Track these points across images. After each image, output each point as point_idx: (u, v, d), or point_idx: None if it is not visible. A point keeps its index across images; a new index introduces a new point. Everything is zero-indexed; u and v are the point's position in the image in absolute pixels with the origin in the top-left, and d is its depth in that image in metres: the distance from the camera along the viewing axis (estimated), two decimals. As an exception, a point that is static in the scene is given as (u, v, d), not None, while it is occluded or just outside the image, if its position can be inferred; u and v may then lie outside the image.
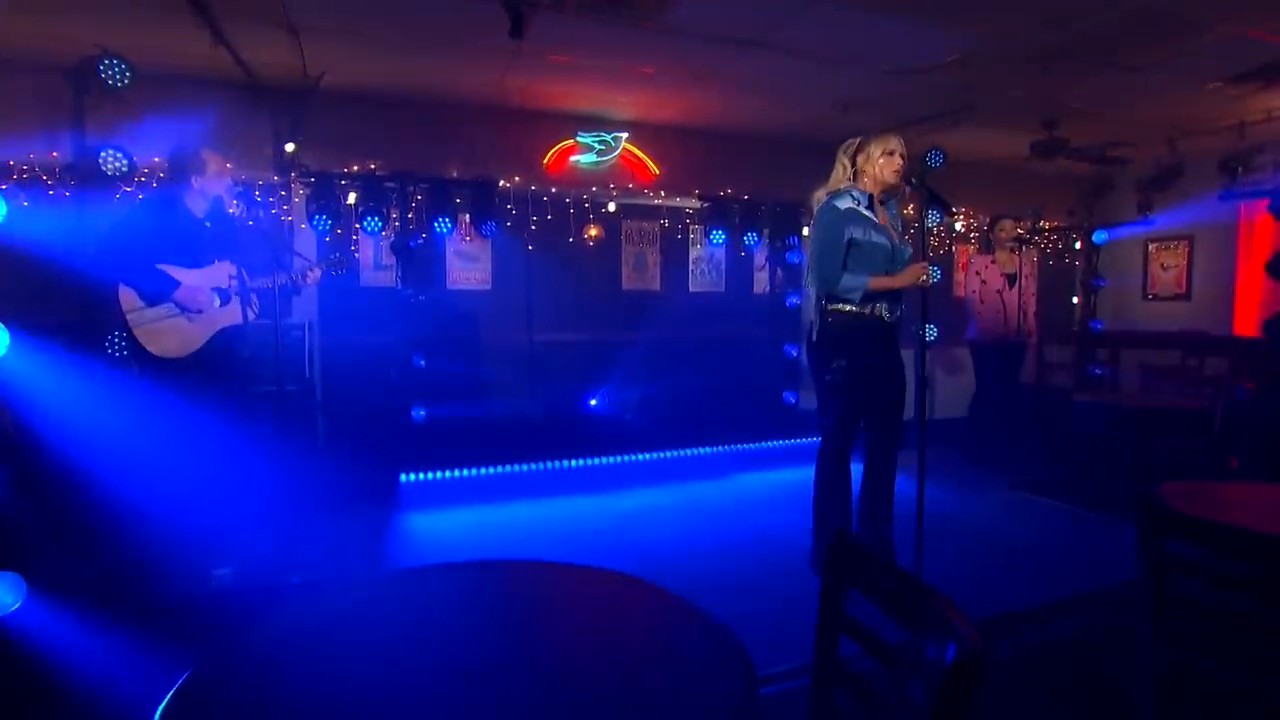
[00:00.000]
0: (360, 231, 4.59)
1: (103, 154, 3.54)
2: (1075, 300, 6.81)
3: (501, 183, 4.94)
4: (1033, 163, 5.75)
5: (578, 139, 5.23)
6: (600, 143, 5.27)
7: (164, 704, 0.93)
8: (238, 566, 2.90)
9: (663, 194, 5.48)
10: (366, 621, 1.21)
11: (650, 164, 5.45)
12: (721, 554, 3.47)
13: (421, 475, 4.42)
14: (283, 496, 3.33)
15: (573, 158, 5.24)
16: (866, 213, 2.69)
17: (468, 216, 4.89)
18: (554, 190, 5.13)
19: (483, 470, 4.60)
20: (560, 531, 3.79)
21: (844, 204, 2.68)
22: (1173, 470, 4.23)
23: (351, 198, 4.61)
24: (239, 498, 3.13)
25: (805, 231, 5.60)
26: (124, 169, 3.61)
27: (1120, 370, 6.33)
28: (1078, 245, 6.83)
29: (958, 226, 6.46)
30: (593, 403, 5.24)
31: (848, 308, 2.66)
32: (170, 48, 3.75)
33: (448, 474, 4.49)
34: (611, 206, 5.30)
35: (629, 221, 5.54)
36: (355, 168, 4.62)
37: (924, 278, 2.55)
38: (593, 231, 5.22)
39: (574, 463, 4.85)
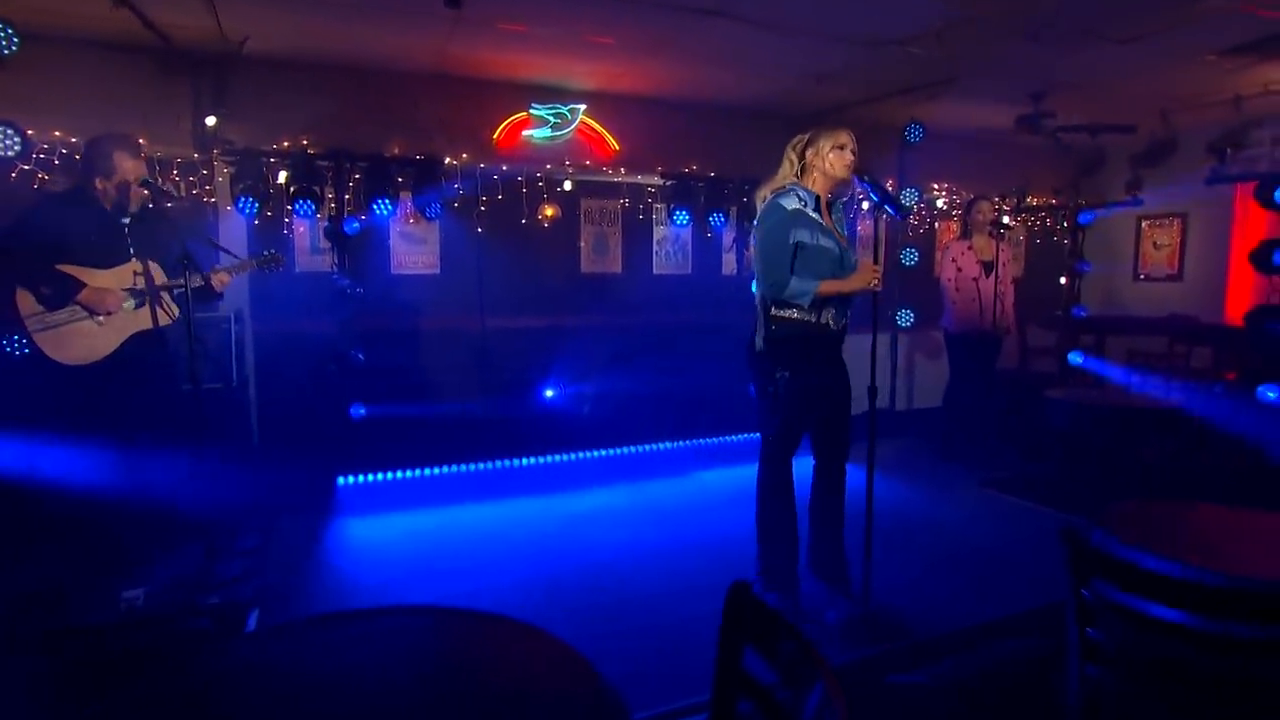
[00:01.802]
0: (293, 215, 4.47)
1: (-9, 132, 3.38)
2: (1063, 281, 6.85)
3: (448, 160, 4.83)
4: (1019, 137, 5.73)
5: (531, 111, 5.11)
6: (556, 116, 5.15)
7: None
8: (151, 587, 2.86)
9: (623, 171, 5.40)
10: (240, 680, 1.21)
11: (610, 139, 5.34)
12: (682, 556, 3.50)
13: (361, 477, 4.39)
14: (206, 506, 3.28)
15: (525, 132, 5.13)
16: (814, 215, 2.67)
17: (411, 197, 4.77)
18: (505, 168, 5.02)
19: (427, 471, 4.57)
20: (509, 537, 3.78)
21: (790, 204, 2.65)
22: (1145, 471, 4.31)
23: (282, 177, 4.48)
24: (155, 511, 3.08)
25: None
26: (18, 148, 3.46)
27: (1107, 357, 6.40)
28: (1065, 224, 6.85)
29: (939, 203, 6.44)
30: (548, 394, 5.20)
31: (794, 314, 2.64)
32: (65, 9, 3.58)
33: (389, 475, 4.46)
34: (568, 185, 5.21)
35: (588, 200, 5.46)
36: (286, 144, 4.49)
37: (874, 281, 2.54)
38: (548, 211, 5.13)
39: (526, 461, 4.84)
